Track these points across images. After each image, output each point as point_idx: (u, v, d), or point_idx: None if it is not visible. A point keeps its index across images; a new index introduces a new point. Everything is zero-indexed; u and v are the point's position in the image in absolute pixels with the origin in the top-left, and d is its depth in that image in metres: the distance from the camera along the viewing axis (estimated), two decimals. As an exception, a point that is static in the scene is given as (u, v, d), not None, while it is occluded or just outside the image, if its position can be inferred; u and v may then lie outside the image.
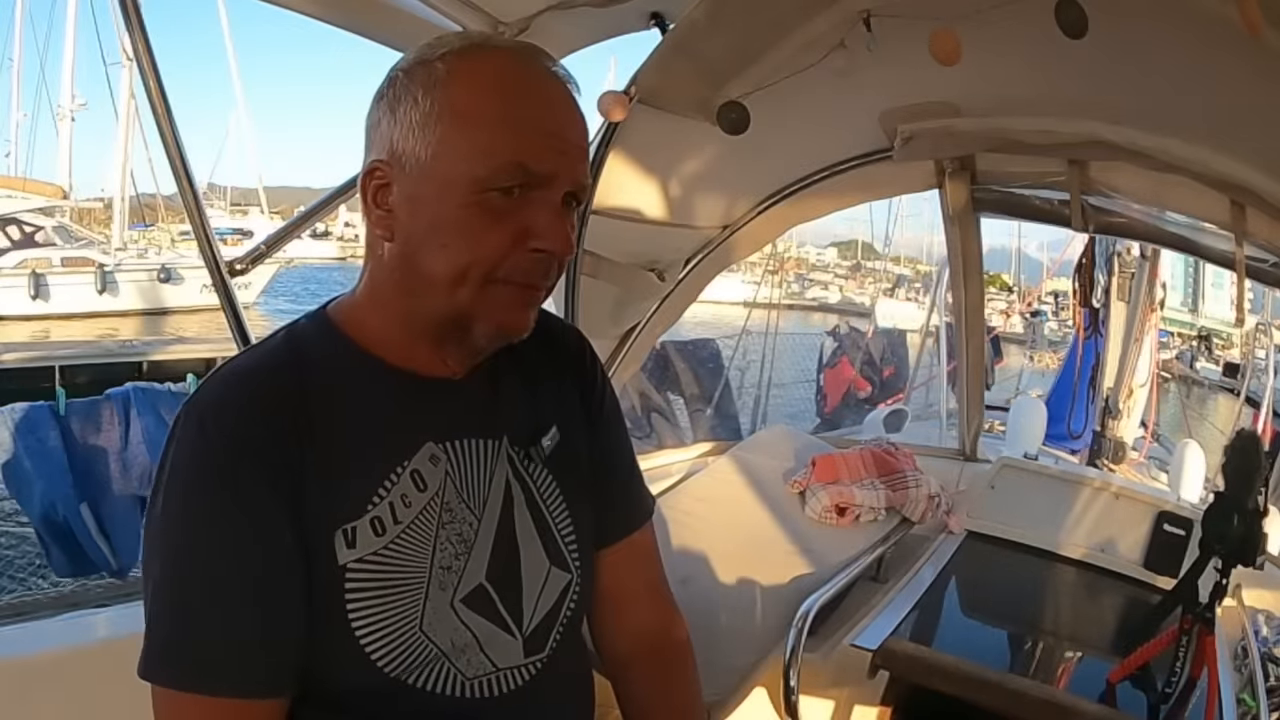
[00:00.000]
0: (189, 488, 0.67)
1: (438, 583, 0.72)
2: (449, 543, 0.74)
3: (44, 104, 20.14)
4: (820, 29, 1.37)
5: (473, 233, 0.69)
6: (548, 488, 0.82)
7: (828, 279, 33.79)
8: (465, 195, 0.68)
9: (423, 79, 0.70)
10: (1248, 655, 1.77)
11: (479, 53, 0.71)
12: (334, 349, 0.75)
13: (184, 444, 0.68)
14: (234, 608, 0.66)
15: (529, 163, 0.69)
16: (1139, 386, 4.21)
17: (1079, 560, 2.20)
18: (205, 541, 0.67)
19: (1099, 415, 4.16)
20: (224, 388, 0.71)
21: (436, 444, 0.75)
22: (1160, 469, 4.30)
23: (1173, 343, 15.33)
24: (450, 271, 0.70)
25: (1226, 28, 1.03)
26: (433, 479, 0.74)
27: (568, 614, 0.81)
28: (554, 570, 0.80)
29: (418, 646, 0.71)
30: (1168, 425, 6.48)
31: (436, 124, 0.69)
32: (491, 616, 0.75)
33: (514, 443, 0.80)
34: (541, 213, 0.70)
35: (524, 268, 0.71)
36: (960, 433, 2.74)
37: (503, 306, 0.72)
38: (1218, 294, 16.65)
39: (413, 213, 0.71)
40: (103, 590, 4.28)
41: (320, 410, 0.71)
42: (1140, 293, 4.05)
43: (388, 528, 0.71)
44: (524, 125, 0.69)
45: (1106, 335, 4.15)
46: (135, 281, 16.43)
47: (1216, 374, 15.68)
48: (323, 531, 0.69)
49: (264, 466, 0.67)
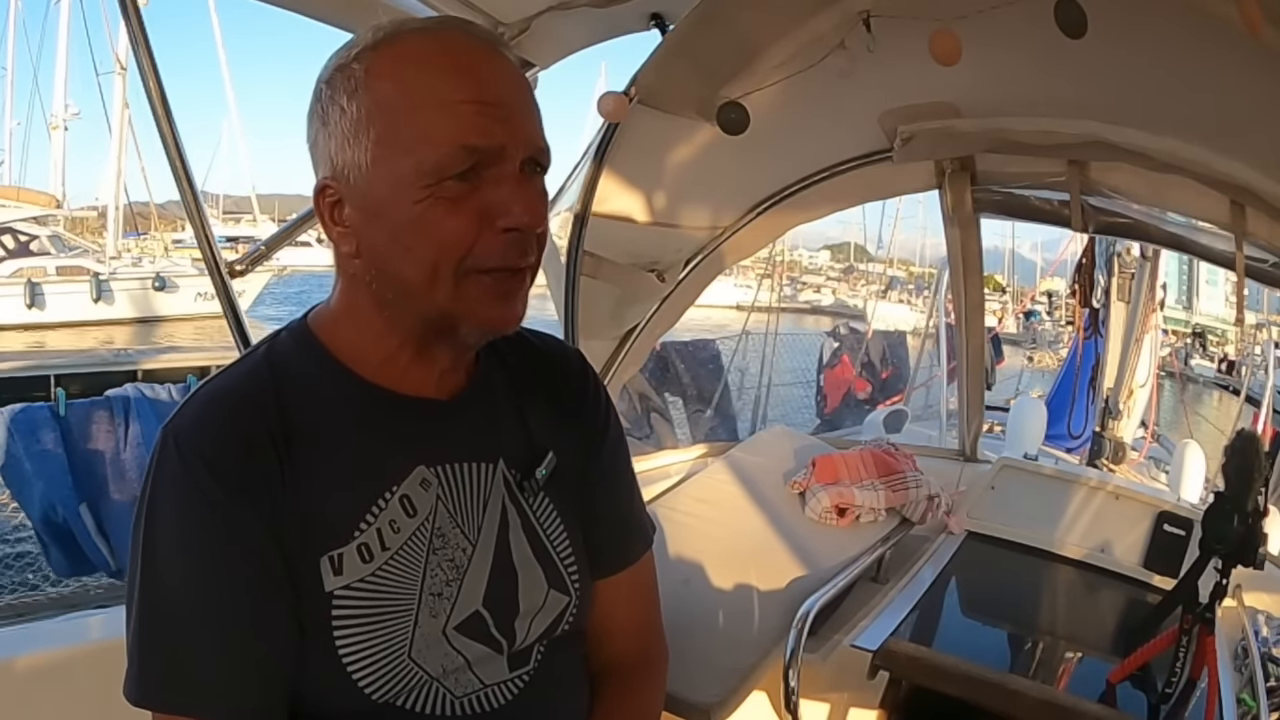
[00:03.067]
0: (172, 514, 0.66)
1: (428, 609, 0.71)
2: (440, 569, 0.72)
3: (37, 113, 20.18)
4: (820, 29, 1.37)
5: (433, 227, 0.65)
6: (545, 512, 0.80)
7: (820, 281, 33.81)
8: (416, 192, 0.65)
9: (344, 85, 0.67)
10: (1248, 655, 1.77)
11: (393, 41, 0.67)
12: (316, 367, 0.72)
13: (165, 470, 0.67)
14: (227, 631, 0.65)
15: (472, 140, 0.64)
16: (1139, 386, 4.21)
17: (1079, 560, 2.20)
18: (194, 567, 0.65)
19: (1099, 415, 4.16)
20: (203, 412, 0.69)
21: (428, 468, 0.73)
22: (1160, 469, 4.30)
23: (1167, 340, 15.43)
24: (421, 273, 0.66)
25: (1226, 27, 1.03)
26: (423, 504, 0.72)
27: (563, 631, 0.80)
28: (553, 593, 0.79)
29: (406, 673, 0.70)
30: (1165, 422, 6.48)
31: (368, 127, 0.65)
32: (484, 640, 0.74)
33: (509, 466, 0.78)
34: (500, 188, 0.66)
35: (497, 250, 0.67)
36: (960, 433, 2.74)
37: (484, 299, 0.68)
38: (1212, 291, 16.68)
39: (370, 224, 0.68)
40: (102, 591, 4.28)
41: (304, 434, 0.69)
42: (1141, 293, 4.05)
43: (375, 554, 0.69)
44: (456, 103, 0.65)
45: (1106, 335, 4.15)
46: (129, 290, 16.47)
47: (1211, 371, 15.73)
48: (309, 558, 0.67)
49: (246, 492, 0.66)
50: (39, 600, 4.48)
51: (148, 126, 1.25)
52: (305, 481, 0.68)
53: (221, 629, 0.65)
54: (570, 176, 1.79)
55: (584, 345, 1.96)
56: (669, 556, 1.93)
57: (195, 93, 53.98)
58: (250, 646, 0.66)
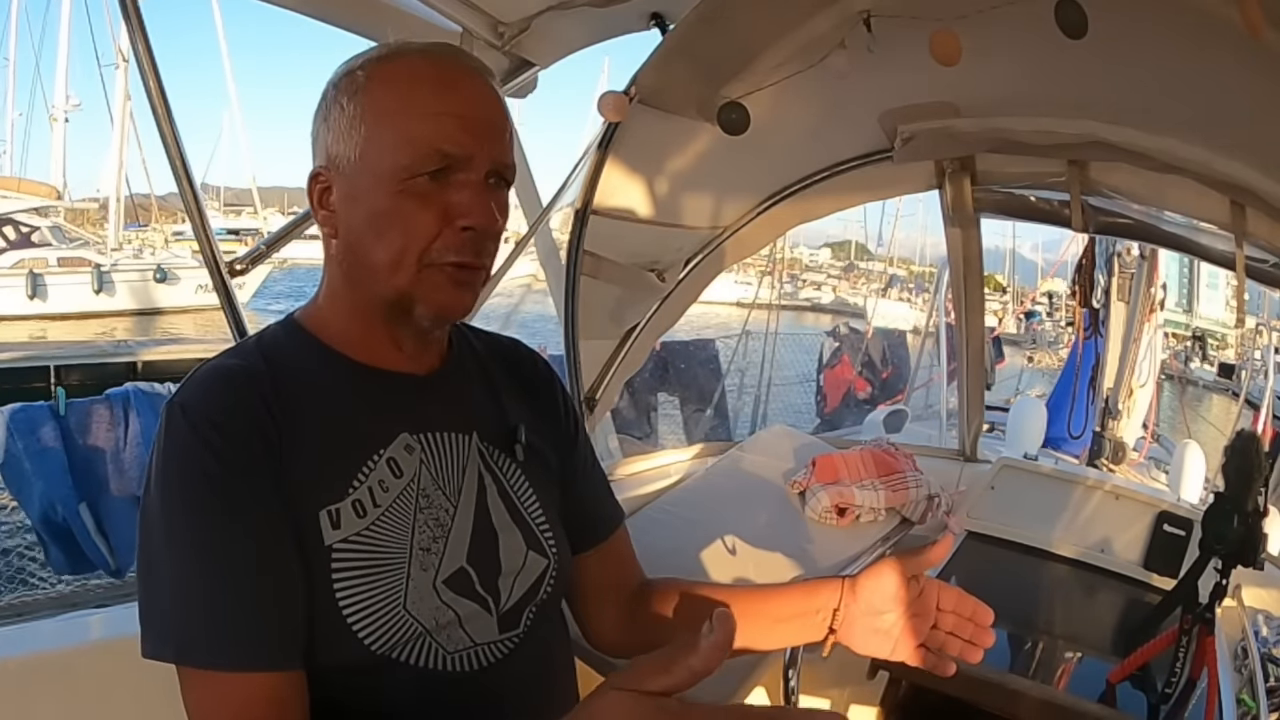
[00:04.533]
0: (186, 482, 0.70)
1: (419, 563, 0.76)
2: (427, 526, 0.78)
3: (38, 104, 20.21)
4: (820, 29, 1.37)
5: (404, 218, 0.75)
6: (517, 480, 0.87)
7: (821, 279, 33.83)
8: (394, 185, 0.74)
9: (347, 87, 0.76)
10: (1248, 655, 1.77)
11: (394, 57, 0.77)
12: (303, 349, 0.81)
13: (173, 441, 0.71)
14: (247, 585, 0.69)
15: (445, 146, 0.74)
16: (1139, 387, 4.21)
17: (1079, 560, 2.20)
18: (212, 525, 0.69)
19: (1099, 416, 4.17)
20: (205, 386, 0.75)
21: (411, 435, 0.80)
22: (1160, 469, 4.30)
23: (1167, 343, 15.47)
24: (388, 257, 0.75)
25: (1226, 28, 1.03)
26: (408, 466, 0.79)
27: (545, 595, 0.86)
28: (531, 554, 0.85)
29: (402, 624, 0.74)
30: (1164, 424, 6.49)
31: (362, 125, 0.75)
32: (471, 596, 0.79)
33: (483, 439, 0.85)
34: (464, 192, 0.75)
35: (454, 246, 0.76)
36: (960, 433, 2.74)
37: (438, 288, 0.77)
38: (1212, 294, 16.69)
39: (351, 208, 0.77)
40: (103, 591, 4.28)
41: (296, 404, 0.75)
42: (1140, 293, 4.05)
43: (368, 510, 0.75)
44: (438, 114, 0.74)
45: (1106, 336, 4.16)
46: (130, 282, 16.51)
47: (1211, 375, 15.74)
48: (309, 513, 0.73)
49: (251, 456, 0.71)
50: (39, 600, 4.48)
51: (149, 119, 1.25)
52: (303, 447, 0.74)
53: (240, 584, 0.69)
54: (571, 176, 1.79)
55: (584, 345, 1.96)
56: (669, 556, 1.93)
57: (196, 84, 54.07)
58: (268, 599, 0.70)
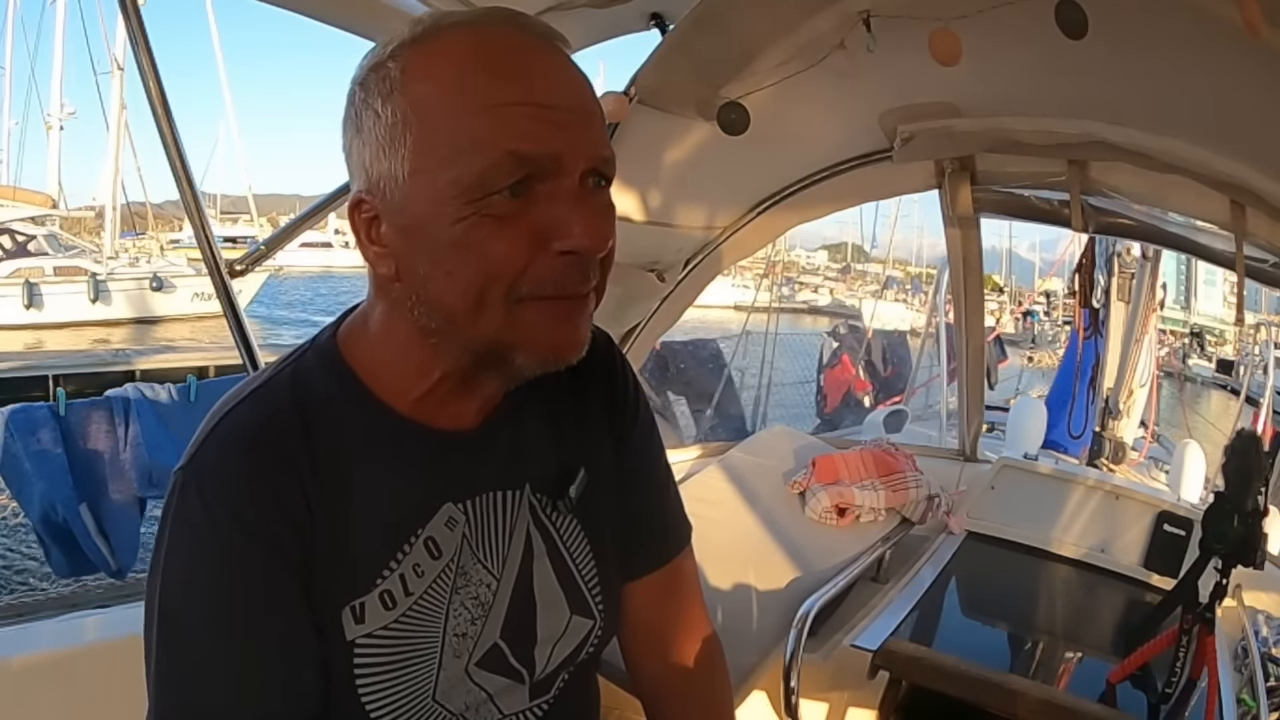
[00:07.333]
0: (198, 563, 0.62)
1: (452, 651, 0.67)
2: (464, 608, 0.68)
3: (33, 112, 20.20)
4: (820, 29, 1.37)
5: (477, 249, 0.57)
6: (571, 534, 0.75)
7: (818, 281, 33.84)
8: (458, 209, 0.57)
9: (379, 87, 0.59)
10: (1248, 655, 1.77)
11: (433, 37, 0.59)
12: (346, 398, 0.66)
13: (185, 517, 0.62)
14: (256, 679, 0.62)
15: (523, 148, 0.56)
16: (1139, 386, 4.21)
17: (1079, 560, 2.20)
18: (221, 616, 0.62)
19: (1099, 415, 4.17)
20: (226, 456, 0.63)
21: (455, 504, 0.68)
22: (1160, 469, 4.30)
23: (1165, 340, 15.53)
24: (465, 301, 0.59)
25: (1226, 28, 1.03)
26: (448, 544, 0.67)
27: (585, 656, 0.76)
28: (575, 619, 0.75)
29: (430, 714, 0.67)
30: (1164, 421, 6.49)
31: (404, 134, 0.57)
32: (505, 672, 0.71)
33: (537, 490, 0.73)
34: (557, 205, 0.58)
35: (553, 277, 0.59)
36: (960, 433, 2.74)
37: (542, 327, 0.60)
38: (1210, 291, 16.71)
39: (409, 244, 0.60)
40: (102, 591, 4.28)
41: (331, 471, 0.64)
42: (1141, 293, 4.05)
43: (398, 601, 0.65)
44: (505, 105, 0.56)
45: (1106, 336, 4.15)
46: (126, 290, 16.52)
47: (1209, 371, 15.77)
48: (330, 607, 0.64)
49: (274, 541, 0.61)
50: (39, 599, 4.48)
51: (144, 126, 1.24)
52: (332, 528, 0.63)
53: (251, 677, 0.62)
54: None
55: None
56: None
57: (190, 91, 54.00)
58: (278, 695, 0.63)
